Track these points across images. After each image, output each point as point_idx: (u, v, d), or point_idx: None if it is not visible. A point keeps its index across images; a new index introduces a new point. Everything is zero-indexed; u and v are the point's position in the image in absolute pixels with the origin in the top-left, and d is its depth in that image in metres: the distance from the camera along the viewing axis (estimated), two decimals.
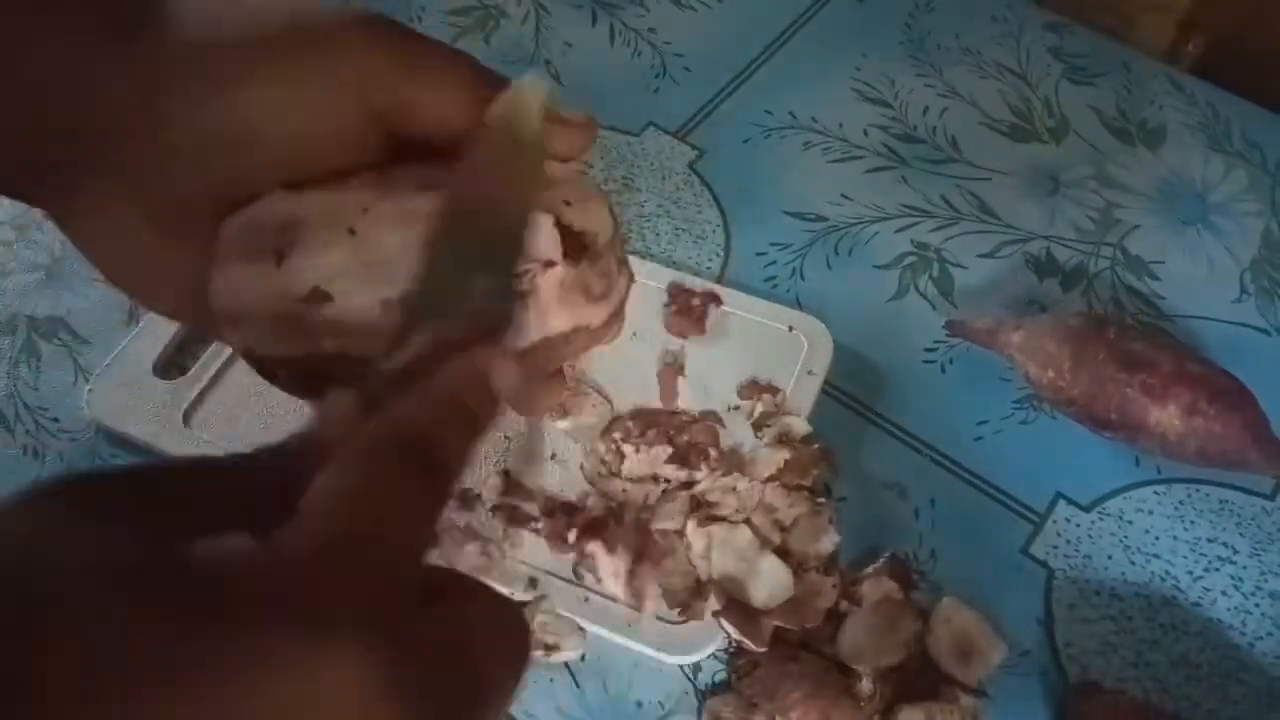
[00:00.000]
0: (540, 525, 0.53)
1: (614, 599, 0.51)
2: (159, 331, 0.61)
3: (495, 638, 0.21)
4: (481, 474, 0.56)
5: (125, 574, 0.17)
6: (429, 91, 0.25)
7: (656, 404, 0.57)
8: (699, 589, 0.51)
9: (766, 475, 0.53)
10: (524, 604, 0.51)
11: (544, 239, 0.26)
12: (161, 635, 0.16)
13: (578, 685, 0.51)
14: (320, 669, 0.17)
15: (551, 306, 0.26)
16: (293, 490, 0.19)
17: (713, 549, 0.51)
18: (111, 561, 0.17)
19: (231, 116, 0.24)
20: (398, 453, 0.21)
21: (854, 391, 0.59)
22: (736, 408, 0.57)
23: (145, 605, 0.16)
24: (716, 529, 0.51)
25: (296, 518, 0.19)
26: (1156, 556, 0.53)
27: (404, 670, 0.18)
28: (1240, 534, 0.54)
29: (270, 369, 0.27)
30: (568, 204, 0.27)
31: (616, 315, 0.28)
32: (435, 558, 0.46)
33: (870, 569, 0.52)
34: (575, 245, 0.27)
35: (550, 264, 0.26)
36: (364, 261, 0.25)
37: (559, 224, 0.26)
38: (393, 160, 0.26)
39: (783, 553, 0.51)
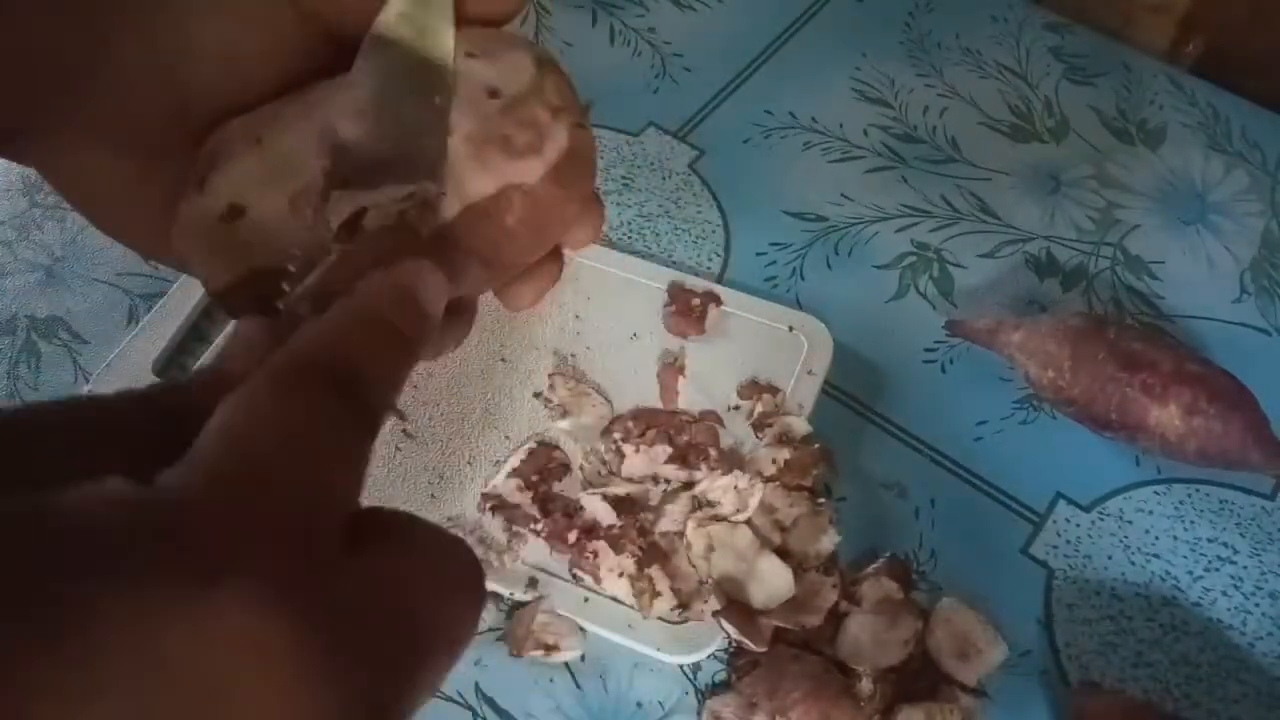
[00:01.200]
0: (540, 525, 0.53)
1: (614, 599, 0.51)
2: (159, 331, 0.61)
3: (440, 581, 0.19)
4: (484, 473, 0.56)
5: None
6: None
7: (656, 404, 0.57)
8: (699, 589, 0.51)
9: (767, 475, 0.53)
10: (523, 603, 0.51)
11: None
12: (18, 601, 0.14)
13: (578, 685, 0.51)
14: (211, 624, 0.15)
15: (465, 167, 0.24)
16: (193, 428, 0.17)
17: (713, 549, 0.51)
18: None
19: (170, 34, 0.23)
20: (308, 378, 0.18)
21: (854, 391, 0.59)
22: (736, 408, 0.57)
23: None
24: (716, 529, 0.51)
25: (191, 454, 0.17)
26: (1156, 556, 0.53)
27: (321, 626, 0.16)
28: (1240, 534, 0.54)
29: (233, 307, 0.25)
30: (470, 56, 0.25)
31: (561, 173, 0.25)
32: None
33: (870, 569, 0.52)
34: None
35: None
36: (269, 165, 0.24)
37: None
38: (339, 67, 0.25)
39: (783, 553, 0.51)
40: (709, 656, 0.50)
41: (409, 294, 0.21)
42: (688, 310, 0.59)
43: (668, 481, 0.54)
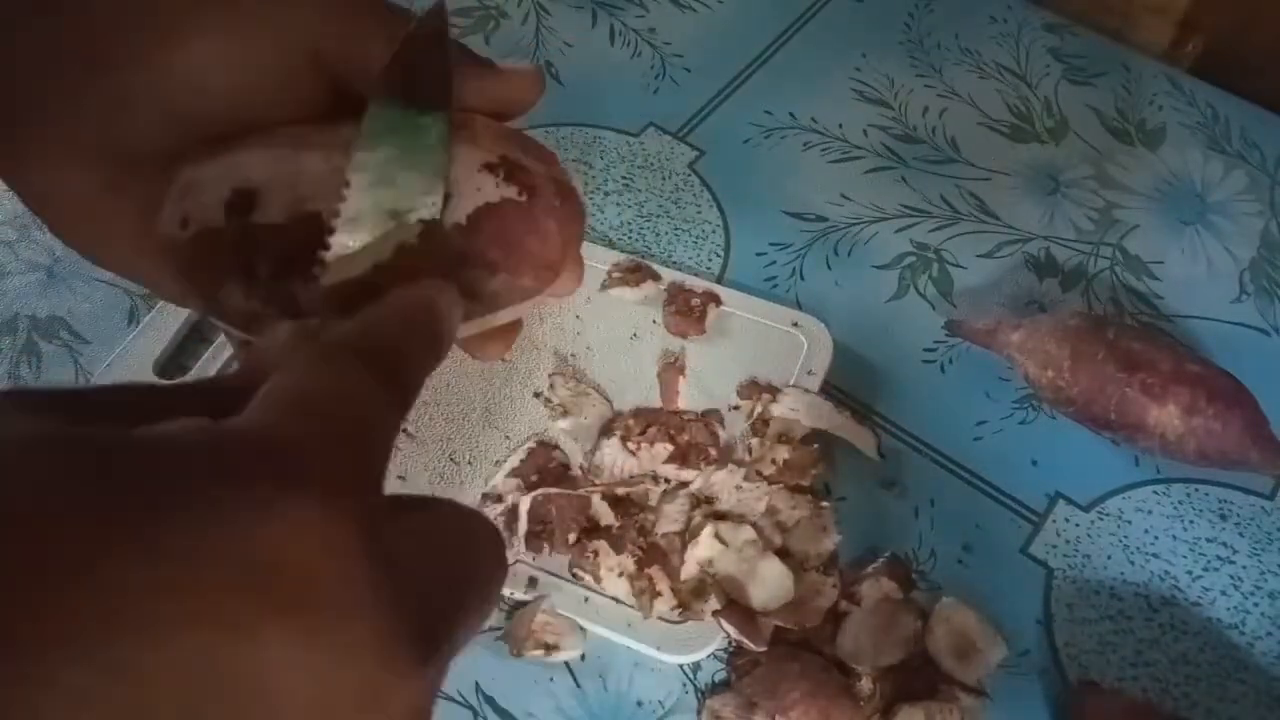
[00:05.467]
0: (541, 525, 0.53)
1: (614, 599, 0.51)
2: (160, 331, 0.61)
3: (470, 541, 0.20)
4: (485, 472, 0.56)
5: (66, 451, 0.16)
6: (376, 40, 0.25)
7: (657, 404, 0.57)
8: (699, 589, 0.51)
9: (766, 475, 0.53)
10: (523, 603, 0.51)
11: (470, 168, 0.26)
12: (108, 504, 0.15)
13: (578, 685, 0.51)
14: (302, 520, 0.16)
15: (465, 192, 0.26)
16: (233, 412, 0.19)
17: (714, 549, 0.51)
18: (51, 440, 0.16)
19: (176, 67, 0.24)
20: (351, 358, 0.20)
21: (854, 391, 0.59)
22: (736, 408, 0.57)
23: (91, 476, 0.15)
24: (721, 527, 0.51)
25: (251, 408, 0.18)
26: (1156, 556, 0.54)
27: (379, 553, 0.17)
28: (1239, 534, 0.54)
29: (220, 310, 0.27)
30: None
31: (555, 211, 0.27)
32: None
33: (870, 569, 0.52)
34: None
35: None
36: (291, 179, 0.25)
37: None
38: (340, 115, 0.26)
39: (783, 553, 0.51)
40: (709, 656, 0.50)
41: (428, 303, 0.23)
42: (688, 310, 0.59)
43: (667, 481, 0.54)
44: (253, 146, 0.25)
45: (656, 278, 0.61)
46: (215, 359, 0.60)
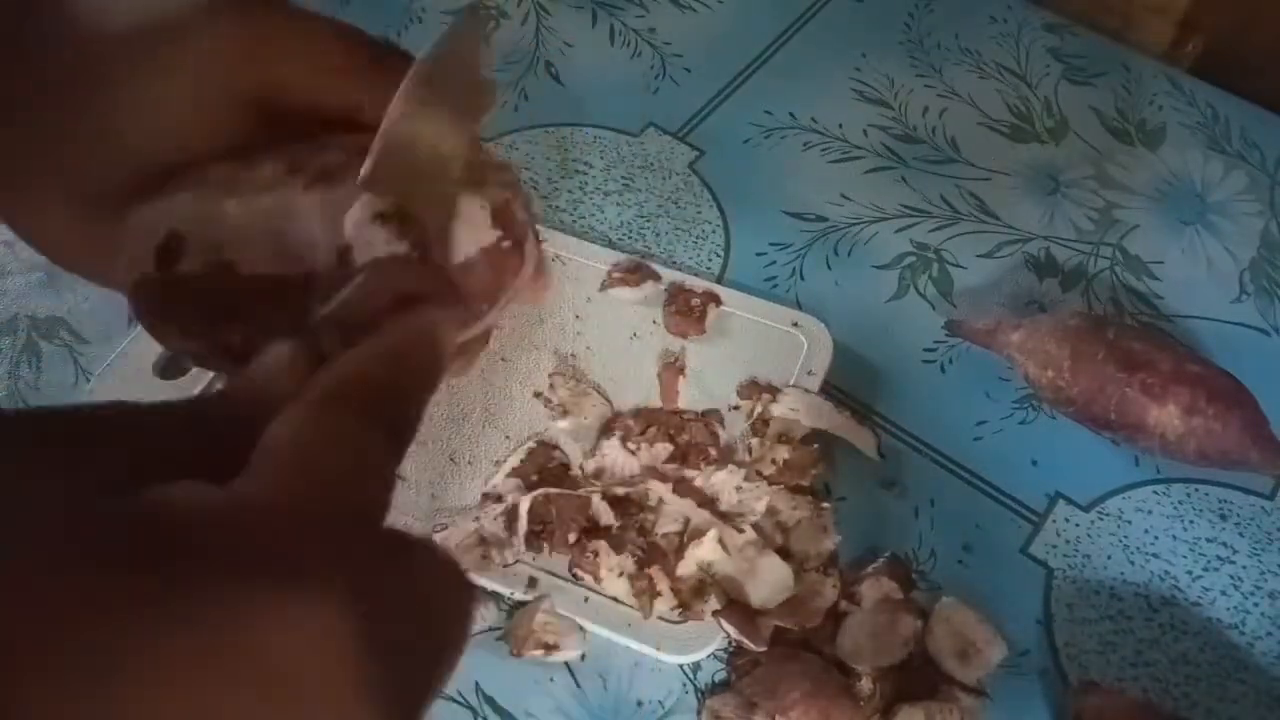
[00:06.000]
0: (540, 525, 0.53)
1: (614, 599, 0.51)
2: None
3: (445, 595, 0.21)
4: (485, 472, 0.56)
5: (81, 527, 0.16)
6: (296, 68, 0.26)
7: (657, 404, 0.57)
8: (699, 589, 0.51)
9: (766, 475, 0.53)
10: (523, 603, 0.52)
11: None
12: (127, 591, 0.16)
13: (578, 685, 0.51)
14: (297, 621, 0.17)
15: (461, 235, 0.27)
16: (236, 439, 0.19)
17: (714, 550, 0.51)
18: (62, 515, 0.16)
19: (117, 109, 0.26)
20: (349, 410, 0.20)
21: (854, 391, 0.59)
22: (736, 408, 0.57)
23: (106, 561, 0.16)
24: (718, 529, 0.51)
25: (252, 468, 0.19)
26: (1156, 556, 0.54)
27: (378, 624, 0.17)
28: (1239, 534, 0.54)
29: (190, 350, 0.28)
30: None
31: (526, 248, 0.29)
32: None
33: (870, 569, 0.52)
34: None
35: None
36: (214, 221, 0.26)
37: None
38: (283, 131, 0.27)
39: (783, 553, 0.51)
40: (709, 656, 0.50)
41: (429, 335, 0.23)
42: (688, 310, 0.59)
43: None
44: (184, 189, 0.26)
45: (656, 278, 0.61)
46: None
